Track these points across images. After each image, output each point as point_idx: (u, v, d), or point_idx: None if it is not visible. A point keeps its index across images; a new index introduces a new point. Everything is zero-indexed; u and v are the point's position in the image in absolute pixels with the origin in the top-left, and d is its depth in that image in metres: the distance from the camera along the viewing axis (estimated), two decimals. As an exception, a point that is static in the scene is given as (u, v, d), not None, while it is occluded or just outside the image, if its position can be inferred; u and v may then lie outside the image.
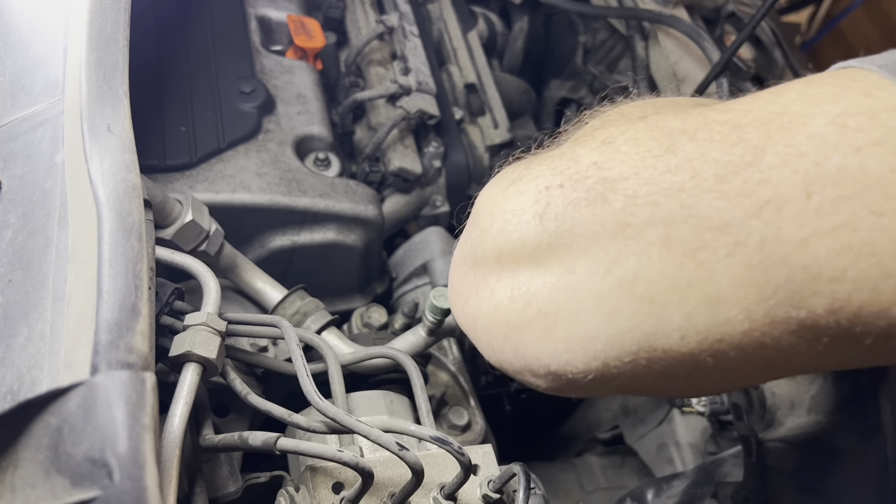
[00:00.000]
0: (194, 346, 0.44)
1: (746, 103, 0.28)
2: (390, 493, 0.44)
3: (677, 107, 0.32)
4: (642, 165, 0.28)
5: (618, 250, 0.28)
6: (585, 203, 0.29)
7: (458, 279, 0.37)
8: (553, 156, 0.32)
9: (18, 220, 0.43)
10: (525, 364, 0.33)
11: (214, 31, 0.78)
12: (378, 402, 0.56)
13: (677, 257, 0.27)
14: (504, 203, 0.32)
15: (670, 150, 0.28)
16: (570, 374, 0.32)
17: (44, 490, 0.35)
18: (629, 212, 0.28)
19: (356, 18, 0.96)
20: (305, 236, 0.72)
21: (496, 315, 0.33)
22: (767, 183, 0.25)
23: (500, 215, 0.32)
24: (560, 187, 0.30)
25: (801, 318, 0.26)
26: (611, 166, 0.29)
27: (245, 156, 0.70)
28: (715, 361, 0.28)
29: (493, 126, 0.94)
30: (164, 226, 0.56)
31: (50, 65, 0.50)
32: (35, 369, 0.37)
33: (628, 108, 0.34)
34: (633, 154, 0.29)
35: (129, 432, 0.34)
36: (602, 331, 0.29)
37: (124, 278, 0.39)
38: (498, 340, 0.34)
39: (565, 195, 0.30)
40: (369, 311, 0.73)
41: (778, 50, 1.06)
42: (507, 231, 0.32)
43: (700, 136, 0.28)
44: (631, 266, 0.28)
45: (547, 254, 0.31)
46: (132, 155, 0.45)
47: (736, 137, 0.27)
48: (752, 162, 0.26)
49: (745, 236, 0.26)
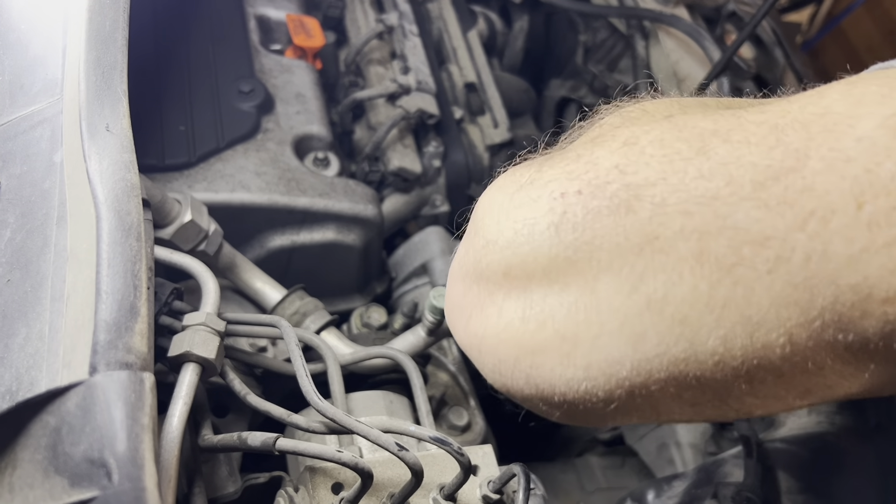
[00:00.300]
0: (193, 347, 0.44)
1: (783, 104, 0.26)
2: (390, 493, 0.44)
3: (705, 107, 0.29)
4: (671, 170, 0.26)
5: (645, 266, 0.26)
6: (608, 212, 0.26)
7: (458, 294, 0.33)
8: (568, 158, 0.29)
9: (17, 219, 0.43)
10: (538, 391, 0.30)
11: (213, 30, 0.78)
12: (377, 403, 0.56)
13: (712, 274, 0.24)
14: (513, 211, 0.29)
15: (702, 153, 0.25)
16: (589, 404, 0.29)
17: (42, 490, 0.34)
18: (658, 222, 0.25)
19: (355, 17, 0.95)
20: (305, 236, 0.71)
21: (505, 337, 0.30)
22: (812, 191, 0.23)
23: (509, 225, 0.29)
24: (578, 194, 0.27)
25: (848, 342, 0.23)
26: (635, 170, 0.26)
27: (244, 155, 0.70)
28: (750, 388, 0.26)
29: (493, 125, 0.94)
30: (162, 225, 0.56)
31: (48, 64, 0.50)
32: (33, 369, 0.37)
33: (652, 106, 0.31)
34: (659, 157, 0.26)
35: (127, 432, 0.34)
36: (627, 356, 0.27)
37: (123, 278, 0.39)
38: (507, 365, 0.30)
39: (584, 203, 0.27)
40: (369, 311, 0.73)
41: (779, 49, 1.06)
42: (517, 243, 0.29)
43: (734, 137, 0.25)
44: (660, 284, 0.25)
45: (564, 269, 0.27)
46: (131, 154, 0.45)
47: (774, 140, 0.24)
48: (793, 167, 0.23)
49: (788, 251, 0.23)
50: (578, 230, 0.27)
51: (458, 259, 0.34)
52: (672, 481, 0.69)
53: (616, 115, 0.31)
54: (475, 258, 0.31)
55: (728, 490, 0.59)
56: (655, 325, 0.26)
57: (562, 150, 0.31)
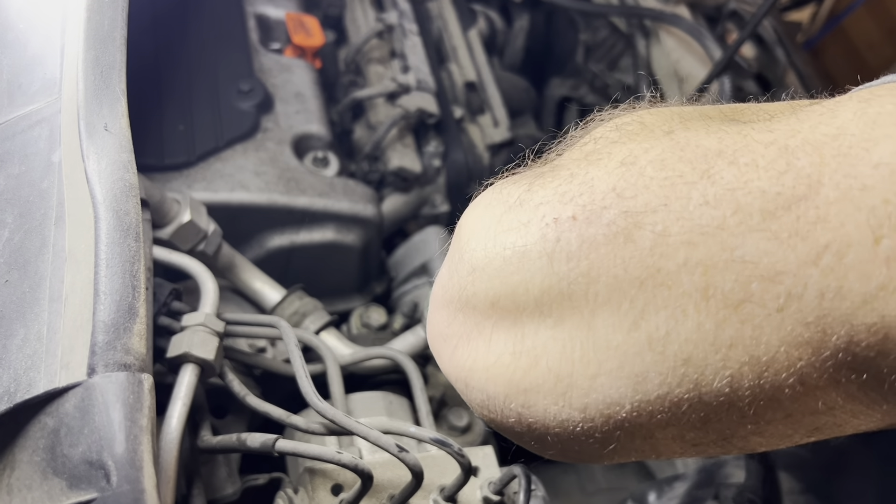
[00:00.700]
0: (192, 347, 0.44)
1: (791, 122, 0.24)
2: (390, 495, 0.44)
3: (708, 120, 0.27)
4: (673, 195, 0.24)
5: (646, 300, 0.24)
6: (605, 241, 0.25)
7: (442, 321, 0.31)
8: (560, 177, 0.27)
9: (15, 219, 0.43)
10: (530, 430, 0.28)
11: (213, 29, 0.78)
12: (377, 404, 0.56)
13: (718, 311, 0.23)
14: (501, 235, 0.27)
15: (706, 177, 0.24)
16: (586, 445, 0.27)
17: (41, 492, 0.34)
18: (659, 253, 0.24)
19: (355, 16, 0.95)
20: (304, 236, 0.71)
21: (495, 372, 0.28)
22: (826, 222, 0.21)
23: (498, 251, 0.27)
24: (573, 220, 0.25)
25: (862, 381, 0.22)
26: (633, 194, 0.25)
27: (243, 155, 0.69)
28: (756, 428, 0.25)
29: (493, 125, 0.93)
30: (161, 225, 0.55)
31: (47, 63, 0.50)
32: (32, 370, 0.37)
33: (650, 118, 0.29)
34: (660, 179, 0.24)
35: (126, 434, 0.34)
36: (627, 397, 0.25)
37: (121, 278, 0.39)
38: (496, 402, 0.29)
39: (580, 230, 0.25)
40: (368, 312, 0.73)
41: (780, 48, 1.05)
42: (506, 272, 0.27)
43: (741, 159, 0.23)
44: (662, 320, 0.24)
45: (558, 302, 0.26)
46: (129, 154, 0.44)
47: (784, 164, 0.23)
48: (806, 195, 0.22)
49: (801, 288, 0.22)
50: (573, 260, 0.25)
51: (441, 283, 0.31)
52: (673, 482, 0.68)
53: (612, 128, 0.29)
54: (460, 285, 0.29)
55: (729, 491, 0.59)
56: (657, 364, 0.24)
57: (553, 165, 0.29)
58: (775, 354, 0.23)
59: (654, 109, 0.30)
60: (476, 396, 0.30)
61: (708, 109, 0.29)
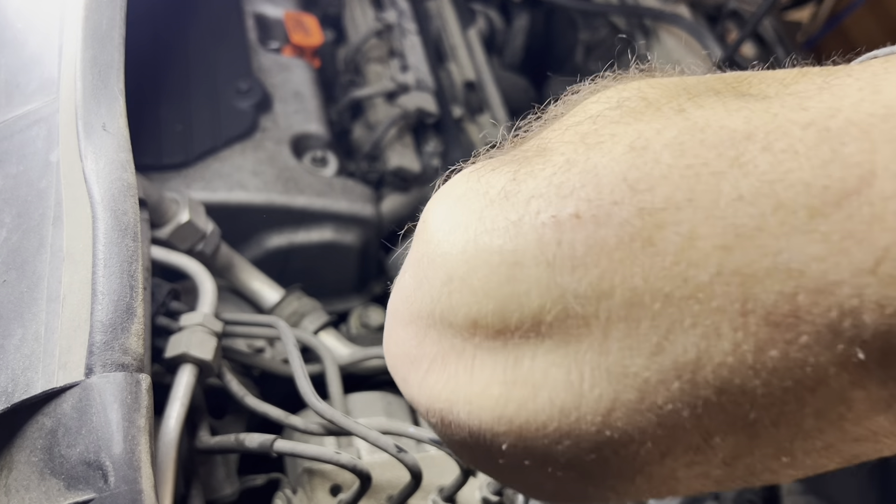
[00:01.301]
0: (190, 347, 0.44)
1: (826, 98, 0.20)
2: (388, 495, 0.44)
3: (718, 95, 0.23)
4: (699, 187, 0.20)
5: (672, 318, 0.20)
6: (618, 245, 0.20)
7: (407, 340, 0.25)
8: (553, 163, 0.22)
9: (13, 219, 0.43)
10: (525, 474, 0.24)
11: (211, 28, 0.78)
12: (376, 404, 0.56)
13: (759, 329, 0.19)
14: (484, 237, 0.22)
15: (737, 165, 0.20)
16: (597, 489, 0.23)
17: (38, 493, 0.34)
18: (687, 260, 0.19)
19: (354, 16, 0.95)
20: (302, 236, 0.71)
21: (481, 405, 0.23)
22: (883, 221, 0.18)
23: (481, 257, 0.22)
24: (576, 218, 0.20)
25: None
26: (649, 186, 0.20)
27: (242, 154, 0.69)
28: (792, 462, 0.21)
29: (492, 124, 0.93)
30: (159, 225, 0.55)
31: (45, 63, 0.50)
32: (29, 370, 0.37)
33: (653, 92, 0.24)
34: (681, 168, 0.20)
35: (124, 434, 0.34)
36: (648, 434, 0.21)
37: (119, 278, 0.39)
38: (482, 440, 0.23)
39: (587, 232, 0.20)
40: (367, 312, 0.73)
41: (780, 47, 1.05)
42: (493, 283, 0.22)
43: (776, 144, 0.20)
44: (691, 342, 0.20)
45: (560, 320, 0.21)
46: (127, 154, 0.44)
47: (829, 151, 0.19)
48: (857, 189, 0.18)
49: (856, 300, 0.18)
50: (580, 269, 0.20)
51: (403, 294, 0.26)
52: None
53: (611, 104, 0.24)
54: (432, 297, 0.23)
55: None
56: (686, 394, 0.20)
57: (540, 148, 0.24)
58: (828, 383, 0.19)
59: (654, 81, 0.25)
60: (456, 433, 0.24)
61: (713, 81, 0.25)
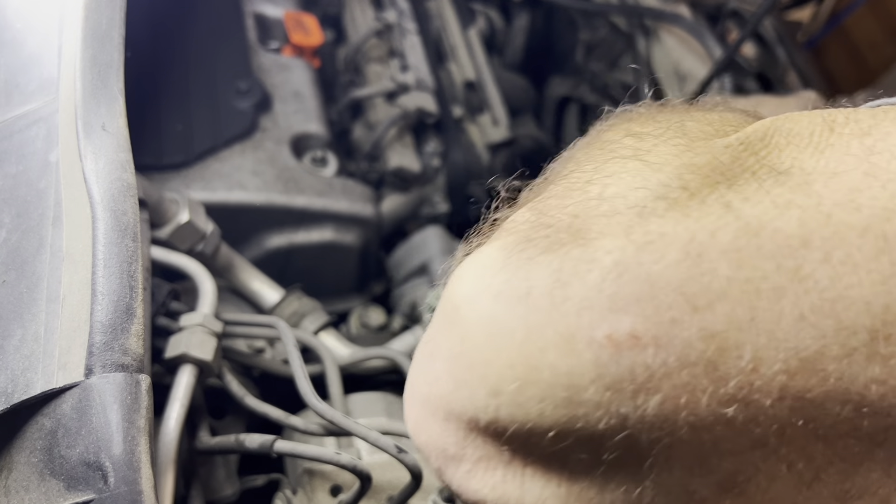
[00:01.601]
0: (190, 348, 0.44)
1: (876, 192, 0.19)
2: (389, 496, 0.44)
3: (753, 174, 0.21)
4: (760, 306, 0.18)
5: (735, 443, 0.19)
6: (679, 369, 0.18)
7: (443, 437, 0.23)
8: (600, 264, 0.20)
9: (12, 220, 0.43)
10: None
11: (211, 28, 0.77)
12: (376, 404, 0.56)
13: (816, 453, 0.19)
14: (534, 352, 0.20)
15: (797, 280, 0.18)
16: None
17: (38, 493, 0.34)
18: (752, 387, 0.18)
19: (354, 15, 0.95)
20: (302, 236, 0.71)
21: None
22: None
23: (532, 376, 0.20)
24: (634, 339, 0.19)
25: None
26: (709, 303, 0.19)
27: (241, 154, 0.69)
28: None
29: (492, 124, 0.93)
30: (159, 225, 0.55)
31: (44, 63, 0.50)
32: (29, 371, 0.37)
33: (690, 176, 0.22)
34: (741, 283, 0.19)
35: (123, 435, 0.34)
36: None
37: (119, 279, 0.39)
38: None
39: (647, 356, 0.19)
40: (367, 312, 0.73)
41: (781, 47, 1.05)
42: (546, 407, 0.20)
43: (835, 255, 0.18)
44: (751, 464, 0.19)
45: (620, 445, 0.19)
46: (127, 154, 0.44)
47: (889, 265, 0.18)
48: None
49: None
50: (641, 395, 0.19)
51: (438, 388, 0.23)
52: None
53: (647, 191, 0.22)
54: (476, 406, 0.22)
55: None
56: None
57: (574, 228, 0.22)
58: (878, 491, 0.19)
59: (686, 157, 0.23)
60: None
61: (740, 150, 0.23)
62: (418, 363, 0.25)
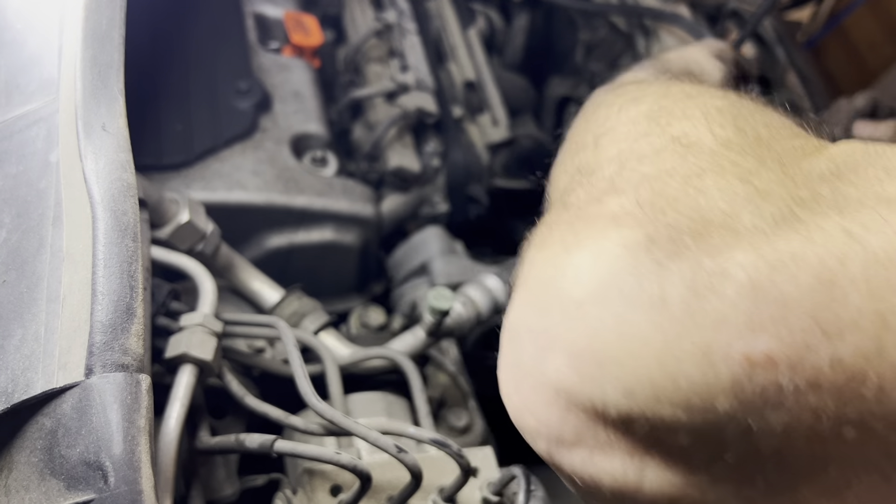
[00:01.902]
0: (190, 348, 0.44)
1: None
2: (389, 496, 0.44)
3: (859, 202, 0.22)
4: (887, 336, 0.19)
5: (851, 464, 0.20)
6: (808, 391, 0.20)
7: (560, 423, 0.25)
8: (734, 279, 0.21)
9: (12, 220, 0.43)
10: None
11: (211, 28, 0.77)
12: (376, 404, 0.56)
13: None
14: (671, 361, 0.21)
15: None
16: None
17: (38, 493, 0.34)
18: (874, 415, 0.19)
19: (354, 16, 0.95)
20: (302, 236, 0.71)
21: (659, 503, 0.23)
22: None
23: (668, 385, 0.21)
24: (768, 359, 0.20)
25: None
26: (839, 331, 0.19)
27: (241, 154, 0.69)
28: None
29: (492, 124, 0.93)
30: (159, 225, 0.55)
31: (45, 63, 0.50)
32: (29, 371, 0.37)
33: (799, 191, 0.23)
34: (871, 314, 0.19)
35: (123, 435, 0.34)
36: None
37: (119, 279, 0.39)
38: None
39: (779, 376, 0.20)
40: (367, 312, 0.73)
41: (780, 48, 1.05)
42: (681, 415, 0.21)
43: None
44: (865, 485, 0.20)
45: (743, 456, 0.21)
46: (127, 154, 0.44)
47: None
48: None
49: None
50: (769, 411, 0.20)
51: (559, 376, 0.24)
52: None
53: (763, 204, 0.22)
54: (605, 402, 0.23)
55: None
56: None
57: (694, 230, 0.22)
58: None
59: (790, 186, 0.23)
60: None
61: (841, 186, 0.23)
62: (523, 348, 0.26)
